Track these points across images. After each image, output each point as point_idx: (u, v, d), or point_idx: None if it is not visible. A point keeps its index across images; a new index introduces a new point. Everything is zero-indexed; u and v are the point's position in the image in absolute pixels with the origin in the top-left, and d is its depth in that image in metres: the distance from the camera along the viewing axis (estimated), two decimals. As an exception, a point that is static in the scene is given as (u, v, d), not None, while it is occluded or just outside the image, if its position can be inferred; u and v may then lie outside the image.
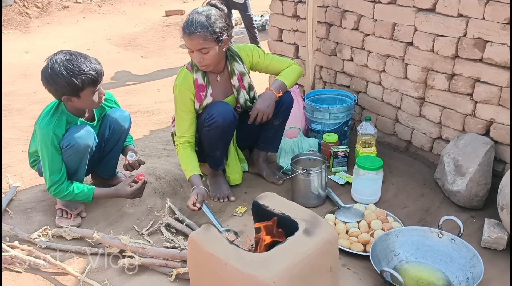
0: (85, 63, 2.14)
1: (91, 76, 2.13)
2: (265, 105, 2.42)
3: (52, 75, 2.11)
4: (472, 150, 2.35)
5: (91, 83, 2.15)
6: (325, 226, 1.67)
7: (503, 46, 2.23)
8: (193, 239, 1.64)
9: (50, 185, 2.26)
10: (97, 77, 2.17)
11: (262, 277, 1.43)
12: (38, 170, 2.48)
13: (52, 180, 2.25)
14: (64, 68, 2.09)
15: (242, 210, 2.42)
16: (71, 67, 2.10)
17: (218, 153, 2.51)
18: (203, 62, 2.29)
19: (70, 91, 2.13)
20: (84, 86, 2.13)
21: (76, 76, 2.10)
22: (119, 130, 2.50)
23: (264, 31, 6.36)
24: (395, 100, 2.88)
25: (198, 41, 2.23)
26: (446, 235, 1.99)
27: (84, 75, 2.11)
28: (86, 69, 2.12)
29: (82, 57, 2.16)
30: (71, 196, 2.28)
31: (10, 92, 4.50)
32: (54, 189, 2.26)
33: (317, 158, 2.55)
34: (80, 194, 2.30)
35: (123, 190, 2.34)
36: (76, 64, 2.11)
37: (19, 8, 7.66)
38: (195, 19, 2.25)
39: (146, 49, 6.28)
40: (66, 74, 2.09)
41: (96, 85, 2.18)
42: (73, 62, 2.11)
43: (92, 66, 2.15)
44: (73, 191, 2.27)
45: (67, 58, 2.13)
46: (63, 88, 2.12)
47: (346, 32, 3.07)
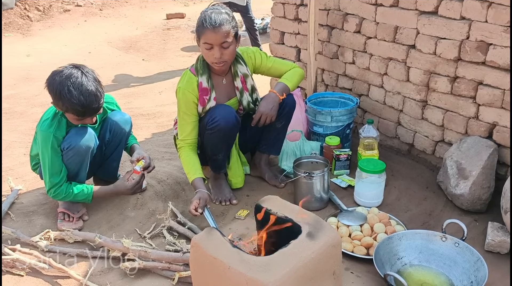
0: (80, 93, 2.09)
1: (76, 109, 2.12)
2: (269, 107, 2.42)
3: (49, 85, 2.15)
4: (475, 153, 2.35)
5: (75, 113, 2.14)
6: (328, 229, 1.67)
7: (506, 49, 2.22)
8: (195, 242, 1.64)
9: (50, 187, 2.27)
10: (84, 112, 2.14)
11: (266, 281, 1.43)
12: (40, 173, 2.47)
13: (51, 183, 2.25)
14: (60, 89, 2.09)
15: (244, 214, 2.42)
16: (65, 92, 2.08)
17: (220, 156, 2.50)
18: (222, 58, 2.29)
19: (57, 106, 2.18)
20: (67, 111, 2.15)
21: (63, 102, 2.10)
22: (120, 133, 2.50)
23: (265, 34, 6.37)
24: (397, 103, 2.88)
25: (223, 34, 2.24)
26: (449, 239, 1.98)
27: (70, 105, 2.10)
28: (74, 101, 2.09)
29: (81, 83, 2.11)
30: (71, 197, 2.29)
31: (12, 95, 4.50)
32: (54, 191, 2.27)
33: (319, 161, 2.54)
34: (80, 194, 2.30)
35: (122, 186, 2.34)
36: (71, 91, 2.08)
37: (20, 11, 7.67)
38: (217, 14, 2.26)
39: (147, 52, 6.29)
40: (57, 94, 2.11)
41: (80, 117, 2.17)
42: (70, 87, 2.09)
43: (84, 102, 2.10)
44: (73, 191, 2.28)
45: (70, 79, 2.10)
46: (53, 99, 2.17)
47: (348, 35, 3.07)
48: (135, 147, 2.61)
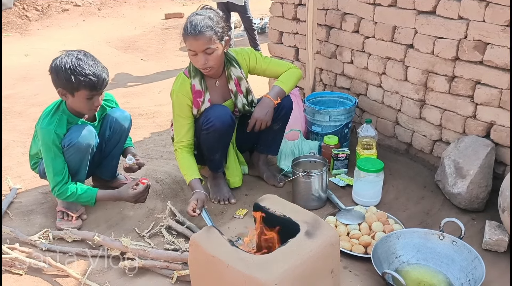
0: (91, 66, 2.14)
1: (89, 80, 2.12)
2: (263, 113, 2.41)
3: (57, 66, 2.14)
4: (472, 152, 2.35)
5: (87, 86, 2.14)
6: (326, 228, 1.67)
7: (503, 48, 2.23)
8: (194, 241, 1.64)
9: (54, 185, 2.24)
10: (95, 83, 2.15)
11: (264, 279, 1.43)
12: (39, 172, 2.47)
13: (56, 181, 2.23)
14: (69, 63, 2.12)
15: (242, 213, 2.42)
16: (75, 65, 2.12)
17: (217, 156, 2.50)
18: (207, 64, 2.29)
19: (65, 86, 2.15)
20: (79, 87, 2.13)
21: (75, 75, 2.11)
22: (120, 129, 2.50)
23: (264, 34, 6.37)
24: (395, 102, 2.89)
25: (204, 41, 2.23)
26: (447, 237, 1.99)
27: (82, 77, 2.11)
28: (87, 72, 2.12)
29: (92, 61, 2.17)
30: (74, 197, 2.26)
31: (10, 95, 4.50)
32: (58, 190, 2.24)
33: (317, 161, 2.55)
34: (84, 195, 2.27)
35: (125, 193, 2.31)
36: (81, 64, 2.12)
37: (18, 11, 7.66)
38: (199, 20, 2.25)
39: (146, 52, 6.29)
40: (67, 68, 2.11)
41: (92, 90, 2.16)
42: (81, 61, 2.13)
43: (96, 72, 2.14)
44: (77, 192, 2.25)
45: (78, 56, 2.15)
46: (61, 81, 2.14)
47: (346, 34, 3.07)
48: (130, 149, 2.60)
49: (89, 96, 2.18)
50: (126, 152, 2.58)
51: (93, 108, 2.26)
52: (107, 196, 2.37)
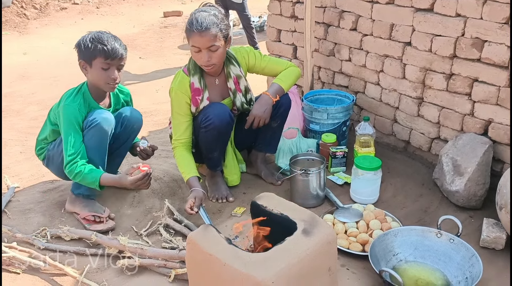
0: (109, 38, 2.25)
1: (105, 47, 2.21)
2: (262, 110, 2.41)
3: (80, 39, 2.28)
4: (470, 150, 2.35)
5: (102, 53, 2.21)
6: (323, 226, 1.67)
7: (501, 45, 2.23)
8: (191, 239, 1.64)
9: (68, 161, 2.23)
10: (111, 51, 2.21)
11: (261, 277, 1.43)
12: (45, 159, 2.46)
13: (71, 157, 2.22)
14: (91, 35, 2.25)
15: (240, 211, 2.42)
16: (95, 36, 2.24)
17: (216, 154, 2.50)
18: (210, 61, 2.28)
19: (84, 55, 2.25)
20: (95, 54, 2.21)
21: (93, 41, 2.22)
22: (130, 129, 2.50)
23: (262, 32, 6.37)
24: (393, 100, 2.89)
25: (210, 38, 2.23)
26: (444, 235, 1.99)
27: (99, 44, 2.21)
28: (103, 41, 2.22)
29: (112, 36, 2.28)
30: (81, 176, 2.22)
31: (8, 94, 4.49)
32: (70, 166, 2.22)
33: (315, 159, 2.55)
34: (89, 175, 2.22)
35: (124, 178, 2.28)
36: (100, 35, 2.24)
37: (17, 9, 7.65)
38: (204, 16, 2.25)
39: (144, 50, 6.28)
40: (87, 38, 2.24)
41: (107, 58, 2.22)
42: (101, 34, 2.26)
43: (111, 43, 2.23)
44: (84, 170, 2.22)
45: (101, 31, 2.29)
46: (81, 51, 2.25)
47: (344, 32, 3.07)
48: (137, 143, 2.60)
49: (105, 66, 2.24)
50: (135, 146, 2.59)
51: (109, 81, 2.27)
52: (111, 180, 2.30)
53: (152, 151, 2.56)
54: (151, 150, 2.55)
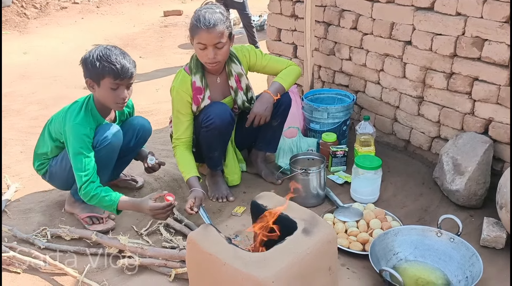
0: (117, 56, 2.12)
1: (114, 67, 2.09)
2: (263, 108, 2.41)
3: (86, 56, 2.16)
4: (471, 149, 2.35)
5: (111, 73, 2.10)
6: (324, 225, 1.67)
7: (501, 44, 2.23)
8: (192, 239, 1.64)
9: (82, 183, 2.12)
10: (120, 71, 2.10)
11: (261, 277, 1.43)
12: (49, 173, 2.38)
13: (84, 179, 2.11)
14: (97, 52, 2.13)
15: (241, 210, 2.42)
16: (102, 53, 2.11)
17: (216, 153, 2.50)
18: (216, 58, 2.28)
19: (91, 74, 2.14)
20: (103, 74, 2.11)
21: (100, 60, 2.10)
22: (144, 139, 2.51)
23: (262, 31, 6.36)
24: (393, 99, 2.88)
25: (217, 34, 2.23)
26: (445, 234, 1.99)
27: (107, 63, 2.09)
28: (112, 60, 2.10)
29: (120, 53, 2.16)
30: (97, 198, 2.12)
31: (9, 93, 4.49)
32: (85, 187, 2.11)
33: (315, 158, 2.54)
34: (107, 198, 2.12)
35: (145, 203, 2.13)
36: (108, 53, 2.12)
37: (17, 9, 7.64)
38: (211, 13, 2.25)
39: (145, 50, 6.28)
40: (94, 57, 2.12)
41: (116, 78, 2.12)
42: (108, 51, 2.13)
43: (121, 61, 2.12)
44: (100, 193, 2.12)
45: (107, 47, 2.16)
46: (88, 69, 2.14)
47: (344, 31, 3.07)
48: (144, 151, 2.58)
49: (114, 86, 2.14)
50: (141, 153, 2.56)
51: (118, 100, 2.19)
52: (129, 204, 2.18)
53: (159, 166, 2.51)
54: (158, 166, 2.50)
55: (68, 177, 2.29)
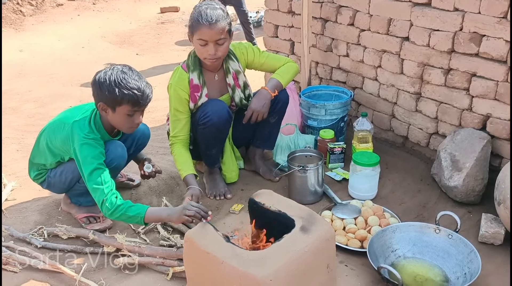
0: (136, 81, 2.02)
1: (133, 94, 1.99)
2: (260, 105, 2.40)
3: (100, 78, 2.02)
4: (468, 145, 2.35)
5: (131, 101, 2.01)
6: (321, 223, 1.67)
7: (499, 40, 2.22)
8: (189, 237, 1.64)
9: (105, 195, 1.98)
10: (139, 98, 2.01)
11: (259, 275, 1.43)
12: (47, 183, 2.33)
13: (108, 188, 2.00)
14: (114, 76, 2.00)
15: (238, 208, 2.41)
16: (120, 78, 2.00)
17: (214, 151, 2.50)
18: (216, 55, 2.28)
19: (106, 99, 2.02)
20: (122, 101, 2.00)
21: (120, 88, 1.99)
22: (143, 145, 2.51)
23: (260, 28, 6.34)
24: (391, 95, 2.88)
25: (219, 31, 2.23)
26: (443, 231, 1.98)
27: (127, 90, 1.99)
28: (132, 86, 2.00)
29: (137, 76, 2.06)
30: (121, 211, 1.97)
31: (5, 91, 4.46)
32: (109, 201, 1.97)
33: (313, 155, 2.54)
34: (132, 209, 1.98)
35: (177, 216, 1.94)
36: (126, 78, 2.01)
37: (13, 6, 7.60)
38: (212, 10, 2.24)
39: (141, 47, 6.25)
40: (112, 81, 1.99)
41: (135, 106, 2.03)
42: (126, 75, 2.01)
43: (140, 87, 2.02)
44: (124, 205, 1.98)
45: (123, 70, 2.04)
46: (104, 94, 2.01)
47: (341, 27, 3.05)
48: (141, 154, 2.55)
49: (131, 112, 2.05)
50: (138, 156, 2.54)
51: (133, 125, 2.12)
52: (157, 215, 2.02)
53: (155, 174, 2.48)
54: (155, 174, 2.47)
55: (68, 189, 2.30)
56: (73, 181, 2.24)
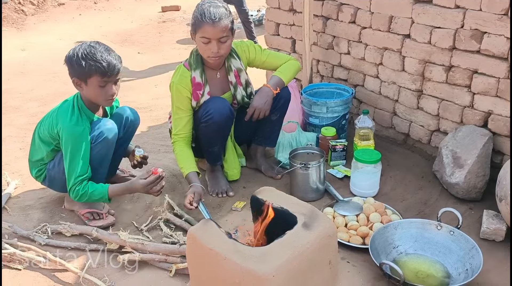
0: (103, 53, 2.11)
1: (100, 65, 2.08)
2: (262, 102, 2.41)
3: (70, 54, 2.14)
4: (470, 141, 2.35)
5: (98, 72, 2.09)
6: (323, 219, 1.67)
7: (500, 37, 2.22)
8: (192, 234, 1.64)
9: (73, 184, 2.17)
10: (106, 69, 2.09)
11: (261, 271, 1.43)
12: (48, 178, 2.37)
13: (78, 179, 2.17)
14: (82, 51, 2.10)
15: (241, 205, 2.42)
16: (87, 51, 2.09)
17: (216, 148, 2.50)
18: (219, 52, 2.29)
19: (77, 73, 2.13)
20: (90, 73, 2.10)
21: (86, 60, 2.08)
22: (132, 129, 2.51)
23: (261, 26, 6.34)
24: (392, 93, 2.88)
25: (222, 28, 2.24)
26: (444, 227, 1.99)
27: (93, 62, 2.08)
28: (98, 58, 2.08)
29: (105, 50, 2.14)
30: (87, 196, 2.19)
31: (7, 90, 4.48)
32: (74, 188, 2.18)
33: (315, 152, 2.54)
34: (95, 193, 2.19)
35: (137, 183, 2.21)
36: (93, 51, 2.10)
37: (14, 6, 7.61)
38: (215, 8, 2.26)
39: (143, 45, 6.26)
40: (79, 55, 2.09)
41: (103, 76, 2.11)
42: (93, 49, 2.11)
43: (107, 58, 2.10)
44: (88, 190, 2.18)
45: (91, 45, 2.13)
46: (73, 68, 2.13)
47: (343, 25, 3.06)
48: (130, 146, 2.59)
49: (102, 83, 2.13)
50: (128, 150, 2.56)
51: (108, 97, 2.19)
52: (120, 189, 2.27)
53: (146, 160, 2.53)
54: (145, 160, 2.52)
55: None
56: None
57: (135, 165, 2.53)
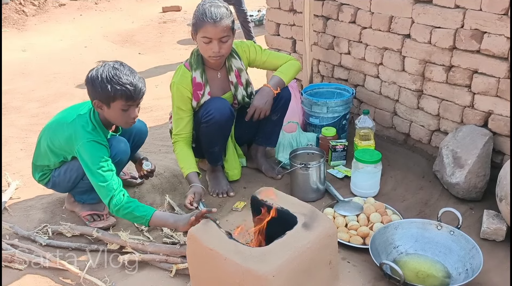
0: (128, 76, 2.04)
1: (126, 89, 2.02)
2: (263, 102, 2.41)
3: (93, 76, 2.05)
4: (470, 141, 2.35)
5: (124, 96, 2.03)
6: (324, 220, 1.68)
7: (500, 37, 2.22)
8: (192, 234, 1.65)
9: (112, 194, 2.03)
10: (132, 93, 2.03)
11: (261, 271, 1.44)
12: (52, 183, 2.34)
13: (119, 191, 2.05)
14: (106, 73, 2.02)
15: (241, 205, 2.42)
16: (112, 74, 2.02)
17: (217, 149, 2.51)
18: (220, 52, 2.29)
19: (100, 96, 2.05)
20: (115, 97, 2.03)
21: (112, 84, 2.01)
22: (140, 142, 2.53)
23: (261, 26, 6.35)
24: (393, 93, 2.88)
25: (223, 28, 2.24)
26: (445, 227, 1.99)
27: (119, 86, 2.01)
28: (124, 81, 2.02)
29: (129, 71, 2.07)
30: (130, 209, 2.03)
31: (8, 90, 4.49)
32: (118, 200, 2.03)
33: (315, 152, 2.55)
34: (141, 209, 2.04)
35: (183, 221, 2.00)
36: (118, 73, 2.03)
37: (15, 6, 7.62)
38: (216, 8, 2.26)
39: (144, 46, 6.27)
40: (104, 78, 2.02)
41: (128, 100, 2.05)
42: (117, 71, 2.03)
43: (132, 81, 2.04)
44: (132, 205, 2.04)
45: (115, 66, 2.05)
46: (96, 91, 2.05)
47: (343, 25, 3.06)
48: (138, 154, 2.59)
49: (125, 107, 2.07)
50: (135, 157, 2.57)
51: (129, 120, 2.14)
52: (163, 219, 2.07)
53: (153, 172, 2.53)
54: (152, 173, 2.52)
55: (72, 187, 2.31)
56: (77, 179, 2.26)
57: (142, 176, 2.55)
